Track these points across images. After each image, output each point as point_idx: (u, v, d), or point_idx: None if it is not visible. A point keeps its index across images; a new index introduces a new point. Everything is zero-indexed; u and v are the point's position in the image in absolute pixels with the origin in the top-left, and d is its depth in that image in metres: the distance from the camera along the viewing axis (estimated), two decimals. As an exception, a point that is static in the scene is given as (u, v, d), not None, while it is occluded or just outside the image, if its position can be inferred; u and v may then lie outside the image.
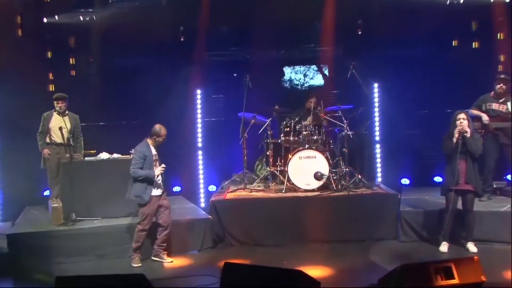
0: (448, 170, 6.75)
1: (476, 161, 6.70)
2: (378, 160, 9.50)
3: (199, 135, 9.27)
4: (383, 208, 7.58)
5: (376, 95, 9.36)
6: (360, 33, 9.51)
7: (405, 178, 9.66)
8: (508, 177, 8.68)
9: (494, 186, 8.10)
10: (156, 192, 6.69)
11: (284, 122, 8.28)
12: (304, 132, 8.12)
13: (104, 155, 7.72)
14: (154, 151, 6.71)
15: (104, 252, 7.05)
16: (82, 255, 6.96)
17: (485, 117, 7.68)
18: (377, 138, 9.38)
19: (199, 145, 9.25)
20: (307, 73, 10.72)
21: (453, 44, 9.45)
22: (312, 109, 8.46)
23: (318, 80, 10.66)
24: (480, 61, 8.99)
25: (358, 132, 8.73)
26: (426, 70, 9.15)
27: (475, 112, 7.76)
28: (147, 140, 6.74)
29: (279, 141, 8.38)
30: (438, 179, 8.93)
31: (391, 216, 7.55)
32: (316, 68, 10.55)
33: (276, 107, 8.43)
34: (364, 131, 8.84)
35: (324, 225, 7.49)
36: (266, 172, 8.44)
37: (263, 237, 7.50)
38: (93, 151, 7.88)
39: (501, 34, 8.96)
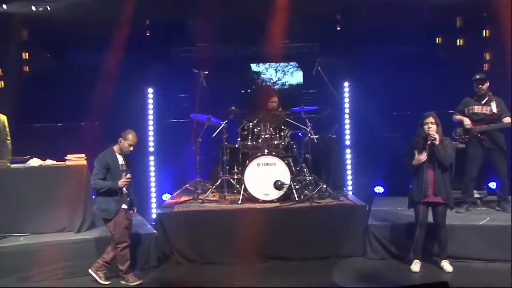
0: (415, 180, 6.17)
1: (446, 170, 6.14)
2: (349, 167, 8.89)
3: (151, 138, 8.57)
4: (349, 221, 6.96)
5: (346, 95, 8.76)
6: (339, 29, 8.98)
7: (379, 186, 9.11)
8: (491, 185, 8.07)
9: (475, 196, 7.57)
10: (124, 205, 6.10)
11: (242, 125, 7.61)
12: (263, 136, 7.46)
13: (35, 162, 6.97)
14: (121, 160, 6.07)
15: (29, 274, 6.28)
16: (2, 278, 6.18)
17: (466, 122, 7.22)
18: (348, 143, 8.78)
19: (151, 149, 8.56)
20: (283, 70, 10.15)
21: (437, 41, 9.03)
22: (273, 110, 7.82)
23: (296, 78, 10.01)
24: (465, 59, 8.56)
25: (325, 136, 8.15)
26: (408, 69, 8.71)
27: (458, 117, 7.35)
28: (114, 147, 6.10)
29: (236, 145, 7.70)
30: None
31: (358, 230, 6.93)
32: (296, 64, 9.91)
33: (233, 107, 7.75)
34: (332, 135, 8.24)
35: (284, 240, 6.89)
36: (221, 180, 7.74)
37: (214, 254, 6.84)
38: (26, 157, 7.13)
39: (487, 31, 8.58)
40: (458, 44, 8.93)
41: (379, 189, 9.13)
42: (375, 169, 8.86)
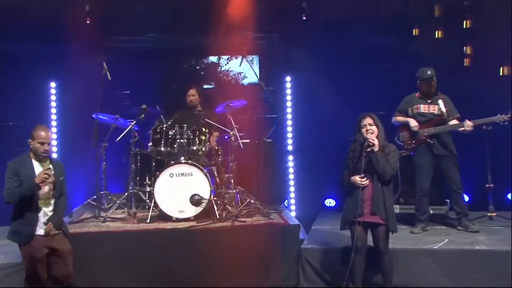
0: (351, 193, 5.23)
1: (388, 184, 5.21)
2: (291, 177, 7.94)
3: (54, 142, 7.60)
4: (279, 245, 5.95)
5: (288, 91, 7.82)
6: (305, 18, 8.11)
7: (331, 198, 8.21)
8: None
9: (432, 212, 6.68)
10: (41, 229, 5.04)
11: (153, 127, 6.56)
12: (178, 140, 6.44)
13: None
14: (39, 167, 5.01)
15: None
16: None
17: (413, 123, 6.42)
18: (290, 148, 7.82)
19: (54, 155, 7.53)
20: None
21: (414, 33, 8.17)
22: (193, 107, 6.86)
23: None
24: (445, 53, 7.79)
25: (259, 140, 7.19)
26: (382, 63, 7.96)
27: (400, 119, 6.55)
28: (30, 153, 5.06)
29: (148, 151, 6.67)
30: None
31: (290, 255, 5.93)
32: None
33: (143, 106, 6.69)
34: (267, 138, 7.28)
35: (202, 267, 5.87)
36: (128, 193, 6.71)
37: (115, 286, 5.74)
38: None
39: (468, 22, 7.88)
40: (436, 36, 8.12)
41: (330, 202, 8.27)
42: (327, 179, 7.97)
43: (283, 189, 7.88)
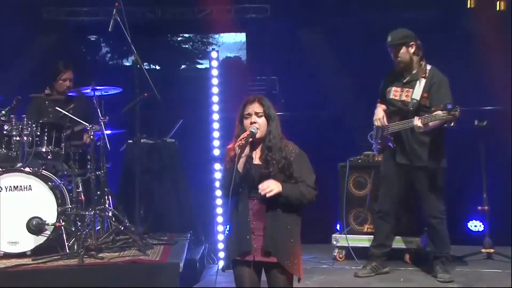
0: (233, 221, 3.58)
1: (289, 207, 3.51)
2: (219, 193, 6.25)
3: None
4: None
5: (215, 72, 6.23)
6: None
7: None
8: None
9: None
10: None
11: (-18, 118, 4.95)
12: (15, 138, 4.83)
13: None
14: None
15: None
16: None
17: (377, 114, 4.87)
18: (217, 153, 6.22)
19: None
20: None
21: (468, 5, 7.05)
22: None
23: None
24: (508, 31, 6.50)
25: (153, 140, 5.65)
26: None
27: (381, 107, 5.01)
28: None
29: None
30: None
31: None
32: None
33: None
34: (168, 138, 5.82)
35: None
36: None
37: None
38: None
39: None
40: (497, 8, 6.93)
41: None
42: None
43: (206, 209, 6.21)
